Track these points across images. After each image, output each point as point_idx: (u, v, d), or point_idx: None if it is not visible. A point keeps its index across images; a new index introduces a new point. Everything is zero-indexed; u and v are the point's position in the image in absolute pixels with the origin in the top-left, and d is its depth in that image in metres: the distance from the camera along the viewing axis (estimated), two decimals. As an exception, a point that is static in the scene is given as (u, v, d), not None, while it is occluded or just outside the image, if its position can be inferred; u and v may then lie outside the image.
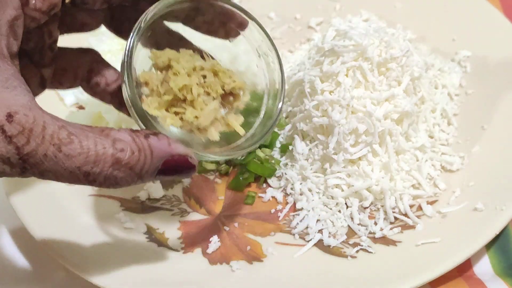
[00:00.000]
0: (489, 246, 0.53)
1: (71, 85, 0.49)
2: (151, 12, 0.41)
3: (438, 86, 0.64)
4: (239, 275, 0.51)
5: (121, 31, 0.49)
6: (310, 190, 0.57)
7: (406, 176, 0.56)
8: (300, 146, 0.58)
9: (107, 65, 0.49)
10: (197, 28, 0.47)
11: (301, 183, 0.57)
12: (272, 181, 0.59)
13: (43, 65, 0.45)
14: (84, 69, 0.48)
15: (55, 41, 0.45)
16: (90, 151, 0.36)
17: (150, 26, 0.42)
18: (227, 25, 0.47)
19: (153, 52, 0.43)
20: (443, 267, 0.48)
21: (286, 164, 0.60)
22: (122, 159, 0.37)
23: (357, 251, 0.52)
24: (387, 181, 0.55)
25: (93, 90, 0.49)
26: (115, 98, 0.50)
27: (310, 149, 0.58)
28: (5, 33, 0.38)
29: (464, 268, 0.52)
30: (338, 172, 0.56)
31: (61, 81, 0.48)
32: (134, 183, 0.39)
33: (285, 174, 0.59)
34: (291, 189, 0.58)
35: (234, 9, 0.46)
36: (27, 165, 0.36)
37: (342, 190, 0.56)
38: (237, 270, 0.51)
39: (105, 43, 0.63)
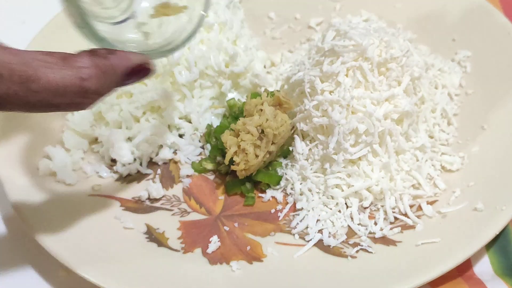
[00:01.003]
0: (489, 246, 0.53)
1: None
2: None
3: (438, 86, 0.64)
4: (239, 275, 0.51)
5: None
6: (310, 190, 0.57)
7: (406, 176, 0.56)
8: (300, 146, 0.58)
9: None
10: None
11: (301, 183, 0.57)
12: (272, 181, 0.59)
13: None
14: None
15: None
16: (57, 84, 0.38)
17: None
18: None
19: None
20: (443, 267, 0.48)
21: (286, 164, 0.60)
22: (89, 88, 0.39)
23: (357, 251, 0.52)
24: (387, 181, 0.55)
25: None
26: None
27: (310, 149, 0.58)
28: None
29: (464, 268, 0.52)
30: (338, 172, 0.56)
31: None
32: (98, 101, 0.41)
33: (285, 174, 0.59)
34: (291, 189, 0.58)
35: None
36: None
37: (342, 190, 0.56)
38: (237, 270, 0.51)
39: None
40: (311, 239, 0.54)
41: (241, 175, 0.56)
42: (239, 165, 0.55)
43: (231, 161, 0.56)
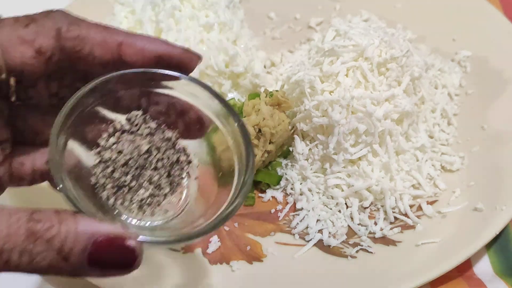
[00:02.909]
0: (489, 246, 0.53)
1: (32, 180, 0.43)
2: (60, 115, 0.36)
3: (438, 86, 0.64)
4: (239, 275, 0.51)
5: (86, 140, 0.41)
6: (310, 190, 0.57)
7: (406, 176, 0.56)
8: (300, 146, 0.58)
9: None
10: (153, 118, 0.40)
11: (301, 183, 0.57)
12: (272, 181, 0.59)
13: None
14: (43, 160, 0.41)
15: (5, 141, 0.40)
16: (1, 225, 0.30)
17: (84, 116, 0.38)
18: (186, 120, 0.40)
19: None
20: (443, 267, 0.48)
21: (286, 164, 0.60)
22: (37, 231, 0.31)
23: (357, 251, 0.52)
24: (387, 181, 0.55)
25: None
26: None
27: (310, 149, 0.58)
28: None
29: (464, 268, 0.51)
30: (338, 172, 0.56)
31: (21, 177, 0.42)
32: (61, 269, 0.32)
33: (285, 174, 0.59)
34: (291, 189, 0.58)
35: (193, 104, 0.40)
36: None
37: (342, 190, 0.56)
38: (237, 270, 0.51)
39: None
40: (311, 239, 0.54)
41: None
42: None
43: None
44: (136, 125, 0.39)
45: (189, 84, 0.39)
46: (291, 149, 0.60)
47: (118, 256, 0.32)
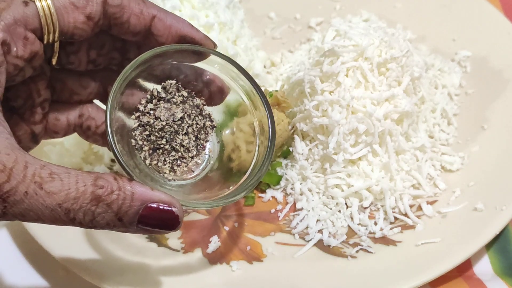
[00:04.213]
0: (489, 246, 0.53)
1: (66, 132, 0.47)
2: (116, 85, 0.40)
3: (438, 86, 0.64)
4: (239, 275, 0.51)
5: None
6: (310, 190, 0.57)
7: (406, 176, 0.56)
8: (300, 146, 0.58)
9: (95, 106, 0.48)
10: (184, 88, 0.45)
11: (301, 183, 0.57)
12: (272, 181, 0.59)
13: (34, 122, 0.44)
14: (76, 114, 0.47)
15: (46, 100, 0.44)
16: (71, 188, 0.36)
17: (127, 86, 0.42)
18: (210, 88, 0.46)
19: None
20: (443, 267, 0.48)
21: (286, 164, 0.60)
22: (101, 196, 0.36)
23: (357, 251, 0.52)
24: (387, 181, 0.55)
25: (85, 134, 0.48)
26: (105, 139, 0.47)
27: (310, 149, 0.58)
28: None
29: (464, 268, 0.52)
30: (338, 172, 0.56)
31: (56, 130, 0.47)
32: (115, 227, 0.38)
33: (285, 174, 0.59)
34: (291, 189, 0.58)
35: (215, 73, 0.45)
36: (7, 204, 0.35)
37: (342, 190, 0.56)
38: (237, 270, 0.51)
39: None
40: (311, 239, 0.54)
41: None
42: (235, 162, 0.55)
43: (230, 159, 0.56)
44: (171, 93, 0.44)
45: (217, 59, 0.44)
46: (291, 149, 0.60)
47: (164, 220, 0.38)
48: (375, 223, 0.54)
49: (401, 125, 0.57)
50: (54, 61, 0.43)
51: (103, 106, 0.48)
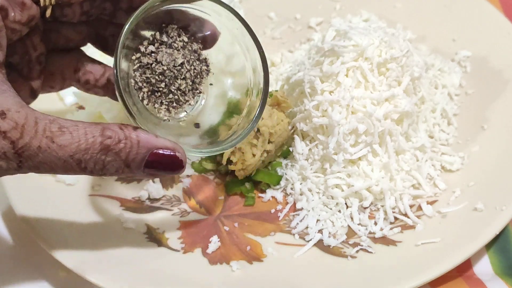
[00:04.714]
0: (489, 246, 0.53)
1: (61, 86, 0.50)
2: (128, 23, 0.42)
3: (438, 86, 0.64)
4: (239, 275, 0.51)
5: (106, 47, 0.51)
6: (310, 190, 0.57)
7: (406, 176, 0.56)
8: (300, 146, 0.58)
9: (91, 61, 0.51)
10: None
11: (301, 183, 0.57)
12: (272, 181, 0.59)
13: (32, 77, 0.46)
14: (71, 70, 0.49)
15: (42, 54, 0.46)
16: (80, 139, 0.39)
17: (130, 34, 0.44)
18: (202, 32, 0.48)
19: None
20: (443, 267, 0.48)
21: (286, 164, 0.60)
22: (109, 145, 0.39)
23: (357, 251, 0.52)
24: (387, 181, 0.55)
25: (85, 87, 0.51)
26: (107, 91, 0.51)
27: (310, 149, 0.58)
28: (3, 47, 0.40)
29: (464, 268, 0.52)
30: (338, 172, 0.56)
31: (51, 85, 0.49)
32: (124, 173, 0.41)
33: (285, 174, 0.59)
34: (291, 189, 0.58)
35: (206, 16, 0.47)
36: (23, 158, 0.38)
37: (342, 190, 0.56)
38: (237, 270, 0.51)
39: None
40: (311, 239, 0.54)
41: (240, 175, 0.57)
42: (236, 164, 0.55)
43: (229, 162, 0.56)
44: (172, 37, 0.46)
45: (212, 4, 0.45)
46: (291, 149, 0.60)
47: (168, 164, 0.41)
48: (375, 223, 0.54)
49: (401, 125, 0.57)
50: (48, 14, 0.44)
51: (99, 58, 0.51)
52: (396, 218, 0.55)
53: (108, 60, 0.51)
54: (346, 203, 0.56)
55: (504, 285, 0.50)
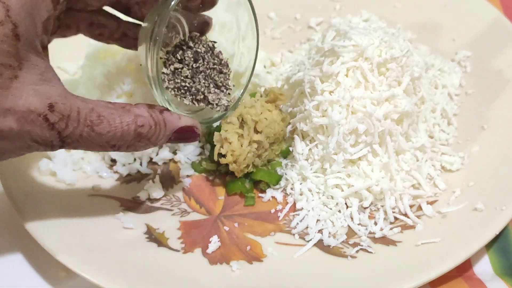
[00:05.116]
0: (489, 246, 0.53)
1: (73, 34, 0.55)
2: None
3: (438, 86, 0.65)
4: (239, 275, 0.51)
5: (128, 13, 0.55)
6: (310, 190, 0.57)
7: (406, 176, 0.56)
8: (300, 146, 0.58)
9: (107, 15, 0.54)
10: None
11: (301, 183, 0.57)
12: (272, 181, 0.59)
13: (50, 32, 0.47)
14: (86, 23, 0.54)
15: (62, 12, 0.48)
16: (117, 128, 0.44)
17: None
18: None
19: None
20: (443, 267, 0.48)
21: (286, 164, 0.60)
22: (142, 133, 0.46)
23: (357, 251, 0.52)
24: (387, 181, 0.55)
25: (98, 38, 0.56)
26: (121, 43, 0.57)
27: (310, 149, 0.58)
28: (40, 33, 0.43)
29: (464, 268, 0.52)
30: (338, 172, 0.56)
31: (64, 34, 0.54)
32: (148, 148, 0.48)
33: (285, 174, 0.59)
34: (291, 189, 0.58)
35: None
36: (65, 144, 0.43)
37: (342, 190, 0.56)
38: (237, 270, 0.51)
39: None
40: (311, 239, 0.54)
41: (236, 171, 0.56)
42: (226, 157, 0.55)
43: (220, 156, 0.56)
44: (197, 43, 0.55)
45: None
46: (291, 149, 0.60)
47: (188, 138, 0.50)
48: (375, 223, 0.54)
49: (401, 125, 0.57)
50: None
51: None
52: (396, 218, 0.55)
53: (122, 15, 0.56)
54: (346, 203, 0.56)
55: (504, 285, 0.50)
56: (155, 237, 0.54)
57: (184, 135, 0.49)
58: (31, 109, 0.41)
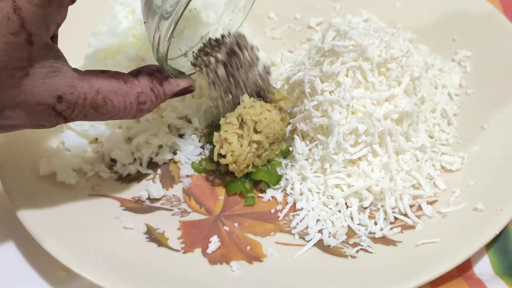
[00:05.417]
0: (489, 246, 0.53)
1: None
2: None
3: (438, 86, 0.64)
4: (239, 275, 0.51)
5: None
6: (310, 190, 0.57)
7: (406, 176, 0.56)
8: (300, 146, 0.58)
9: None
10: None
11: (301, 183, 0.57)
12: (272, 181, 0.59)
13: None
14: None
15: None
16: (120, 108, 0.47)
17: None
18: None
19: None
20: (443, 267, 0.48)
21: (286, 164, 0.60)
22: (144, 109, 0.49)
23: (357, 251, 0.52)
24: (387, 181, 0.55)
25: None
26: None
27: (310, 149, 0.58)
28: (52, 31, 0.44)
29: (464, 268, 0.52)
30: (338, 172, 0.56)
31: None
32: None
33: (285, 174, 0.59)
34: (291, 189, 0.58)
35: None
36: (68, 121, 0.46)
37: (342, 190, 0.56)
38: (237, 270, 0.51)
39: (105, 42, 0.63)
40: (311, 239, 0.54)
41: (236, 171, 0.56)
42: (226, 157, 0.55)
43: (220, 156, 0.56)
44: (233, 53, 0.56)
45: None
46: (291, 149, 0.60)
47: (183, 94, 0.53)
48: (375, 223, 0.54)
49: (401, 125, 0.57)
50: None
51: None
52: (396, 218, 0.55)
53: None
54: (346, 203, 0.56)
55: (504, 285, 0.50)
56: (155, 237, 0.54)
57: (181, 93, 0.52)
58: (40, 102, 0.43)
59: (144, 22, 0.50)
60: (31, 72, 0.42)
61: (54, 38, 0.46)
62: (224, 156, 0.56)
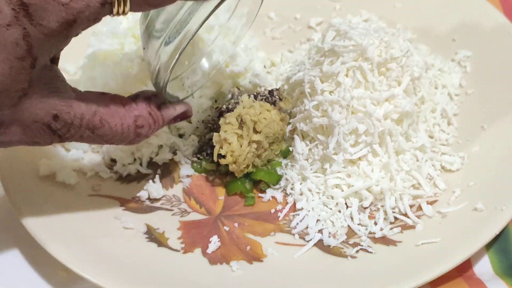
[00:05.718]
0: (489, 246, 0.53)
1: None
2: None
3: (438, 86, 0.64)
4: (239, 275, 0.51)
5: None
6: (310, 190, 0.57)
7: (406, 176, 0.56)
8: (300, 146, 0.58)
9: None
10: None
11: (301, 183, 0.57)
12: (272, 181, 0.59)
13: None
14: None
15: None
16: (117, 131, 0.47)
17: None
18: None
19: None
20: (443, 267, 0.48)
21: (286, 164, 0.60)
22: (141, 133, 0.48)
23: (357, 251, 0.52)
24: (387, 181, 0.55)
25: None
26: None
27: (310, 149, 0.58)
28: (54, 55, 0.44)
29: (464, 268, 0.52)
30: (338, 172, 0.56)
31: None
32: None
33: (285, 174, 0.59)
34: (291, 189, 0.58)
35: None
36: (64, 141, 0.45)
37: (342, 190, 0.56)
38: (237, 270, 0.51)
39: (105, 42, 0.63)
40: (311, 239, 0.54)
41: (236, 171, 0.56)
42: (226, 157, 0.55)
43: (220, 156, 0.56)
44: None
45: None
46: (291, 149, 0.60)
47: (181, 119, 0.53)
48: (375, 223, 0.54)
49: (401, 125, 0.57)
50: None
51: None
52: (396, 218, 0.55)
53: None
54: (346, 203, 0.56)
55: (504, 285, 0.50)
56: (155, 237, 0.54)
57: (178, 119, 0.52)
58: (36, 120, 0.43)
59: (143, 48, 0.49)
60: (30, 92, 0.42)
61: (55, 59, 0.47)
62: (224, 156, 0.56)
